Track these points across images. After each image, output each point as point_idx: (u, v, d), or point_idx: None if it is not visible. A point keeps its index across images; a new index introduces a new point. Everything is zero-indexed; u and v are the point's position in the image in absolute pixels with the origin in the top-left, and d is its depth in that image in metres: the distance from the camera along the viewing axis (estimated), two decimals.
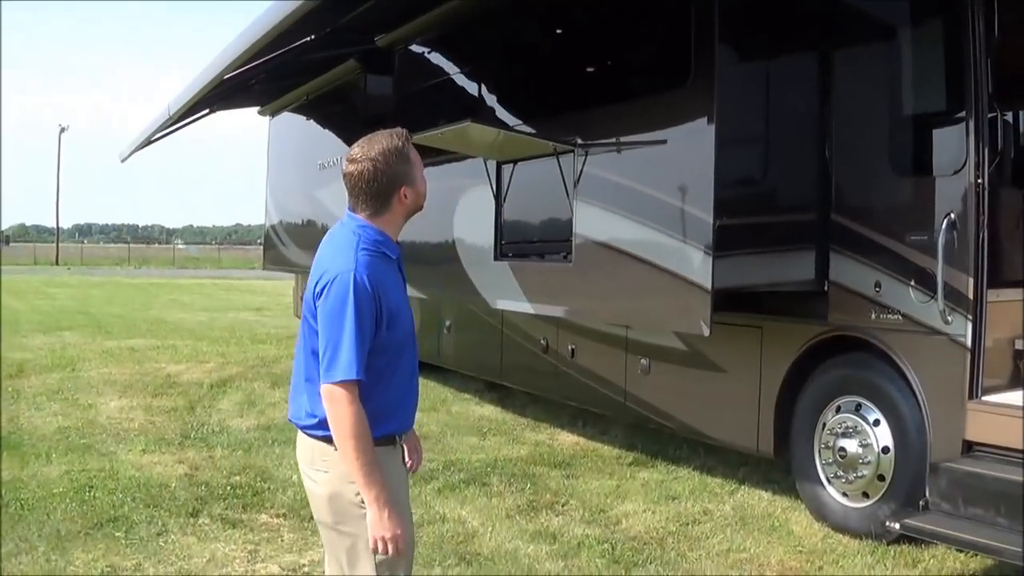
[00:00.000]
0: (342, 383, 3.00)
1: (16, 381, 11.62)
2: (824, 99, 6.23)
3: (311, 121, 14.16)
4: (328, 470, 3.16)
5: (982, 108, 5.45)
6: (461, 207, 8.63)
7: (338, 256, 3.12)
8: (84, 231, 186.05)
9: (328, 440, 3.09)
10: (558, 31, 8.00)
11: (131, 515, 6.24)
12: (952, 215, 5.47)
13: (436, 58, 9.81)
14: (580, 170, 6.88)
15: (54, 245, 74.43)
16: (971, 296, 5.42)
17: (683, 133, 6.18)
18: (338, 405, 3.01)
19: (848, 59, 6.15)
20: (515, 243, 7.92)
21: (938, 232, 5.49)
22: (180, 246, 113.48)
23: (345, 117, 12.69)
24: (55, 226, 75.61)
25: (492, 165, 8.03)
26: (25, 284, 34.59)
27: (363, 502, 3.06)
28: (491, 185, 7.98)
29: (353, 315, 3.00)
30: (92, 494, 6.70)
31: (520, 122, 7.91)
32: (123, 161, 15.95)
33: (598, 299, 7.07)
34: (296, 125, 14.70)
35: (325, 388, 3.03)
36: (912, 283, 5.70)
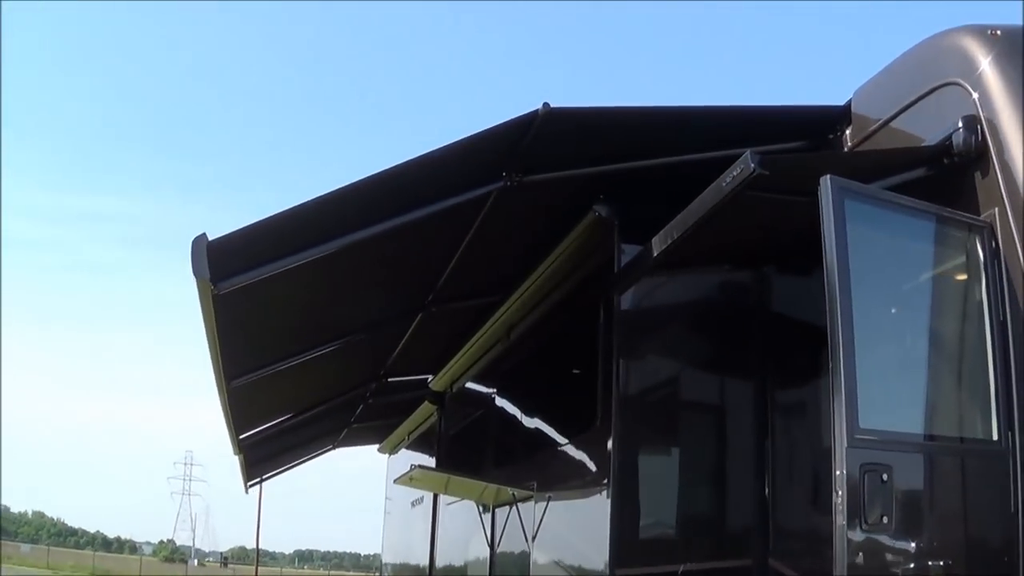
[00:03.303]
0: None
1: None
2: (763, 431, 5.90)
3: (410, 459, 14.88)
4: None
5: None
6: (470, 551, 8.78)
7: None
8: (305, 557, 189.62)
9: None
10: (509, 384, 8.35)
11: None
12: None
13: (469, 400, 10.33)
14: (539, 517, 6.94)
15: (274, 570, 78.85)
16: None
17: (589, 479, 6.09)
18: None
19: (782, 391, 5.89)
20: None
21: None
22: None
23: (431, 455, 13.31)
24: (255, 548, 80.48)
25: (487, 512, 8.21)
26: None
27: None
28: (484, 531, 8.14)
29: None
30: None
31: (501, 469, 8.14)
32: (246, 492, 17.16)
33: None
34: (401, 463, 15.47)
35: None
36: None
